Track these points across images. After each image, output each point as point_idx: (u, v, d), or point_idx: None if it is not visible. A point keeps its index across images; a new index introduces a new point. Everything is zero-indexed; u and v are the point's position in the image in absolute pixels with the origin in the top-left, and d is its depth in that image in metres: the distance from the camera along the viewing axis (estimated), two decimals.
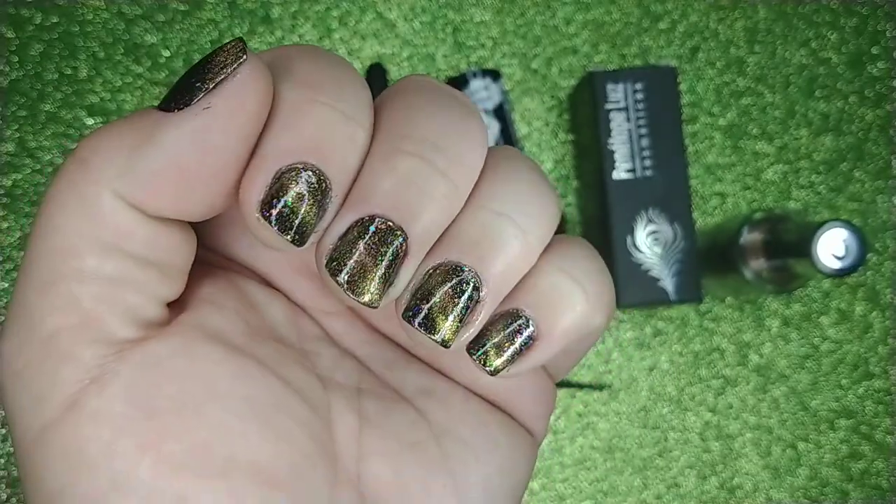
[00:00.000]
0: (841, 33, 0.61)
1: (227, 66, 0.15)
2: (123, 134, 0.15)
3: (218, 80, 0.15)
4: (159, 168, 0.15)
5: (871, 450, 0.58)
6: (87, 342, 0.15)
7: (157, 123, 0.15)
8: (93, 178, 0.15)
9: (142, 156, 0.15)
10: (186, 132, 0.15)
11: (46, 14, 0.58)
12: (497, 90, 0.56)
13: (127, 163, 0.15)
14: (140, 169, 0.15)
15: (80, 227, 0.15)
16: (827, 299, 0.59)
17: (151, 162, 0.15)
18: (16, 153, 0.57)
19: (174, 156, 0.15)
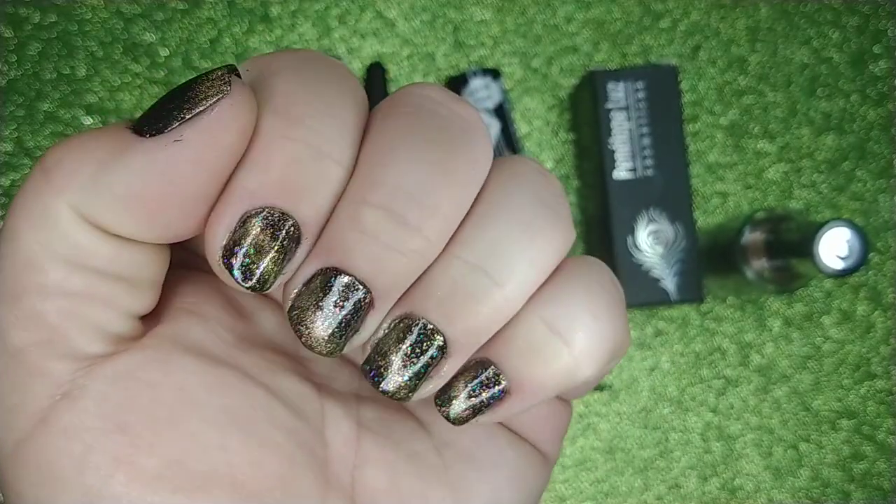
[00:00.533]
0: (843, 32, 0.60)
1: (209, 97, 0.14)
2: (90, 148, 0.14)
3: (195, 111, 0.14)
4: (122, 192, 0.14)
5: (873, 450, 0.58)
6: (55, 357, 0.15)
7: (126, 145, 0.14)
8: (54, 189, 0.14)
9: (106, 176, 0.14)
10: (153, 161, 0.14)
11: (44, 13, 0.58)
12: (497, 89, 0.56)
13: (90, 180, 0.14)
14: (103, 189, 0.14)
15: (42, 239, 0.15)
16: (829, 299, 0.59)
17: (115, 184, 0.14)
18: (14, 153, 0.57)
19: (139, 183, 0.14)
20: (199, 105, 0.14)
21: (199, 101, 0.14)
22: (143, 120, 0.15)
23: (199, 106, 0.14)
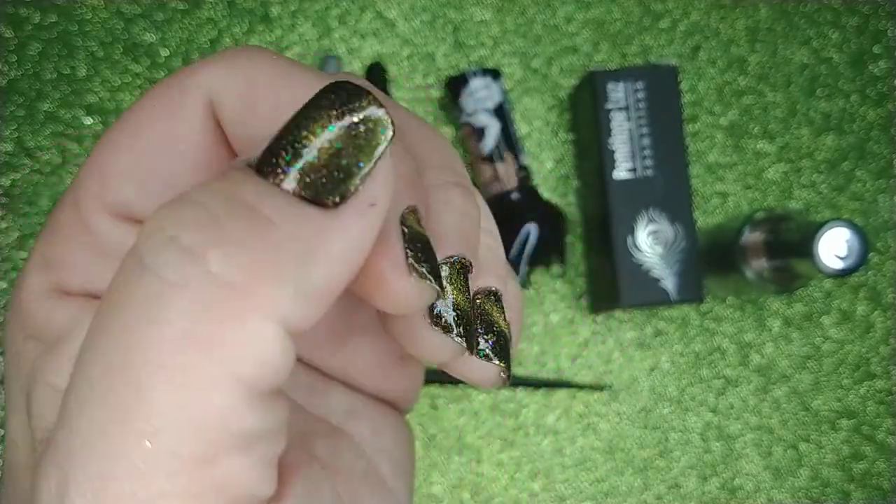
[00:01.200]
0: (842, 32, 0.60)
1: (373, 138, 0.13)
2: (279, 245, 0.12)
3: (375, 159, 0.13)
4: (323, 286, 0.12)
5: (872, 450, 0.58)
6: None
7: (318, 227, 0.12)
8: (257, 308, 0.12)
9: (310, 276, 0.12)
10: (353, 238, 0.13)
11: (45, 13, 0.58)
12: (497, 89, 0.56)
13: (295, 288, 0.12)
14: (308, 290, 0.12)
15: (251, 375, 0.12)
16: (828, 299, 0.59)
17: (319, 279, 0.12)
18: (14, 153, 0.57)
19: (342, 269, 0.12)
20: (372, 151, 0.13)
21: (369, 144, 0.13)
22: (311, 181, 0.12)
23: (372, 153, 0.13)
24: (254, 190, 0.12)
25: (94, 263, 0.16)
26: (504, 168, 0.55)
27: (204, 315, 0.11)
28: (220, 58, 0.15)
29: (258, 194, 0.12)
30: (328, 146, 0.12)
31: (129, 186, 0.15)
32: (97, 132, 0.58)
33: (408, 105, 0.59)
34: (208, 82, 0.15)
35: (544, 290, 0.58)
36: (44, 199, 0.57)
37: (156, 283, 0.12)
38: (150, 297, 0.12)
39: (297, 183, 0.12)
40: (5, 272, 0.57)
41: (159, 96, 0.16)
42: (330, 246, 0.12)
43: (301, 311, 0.12)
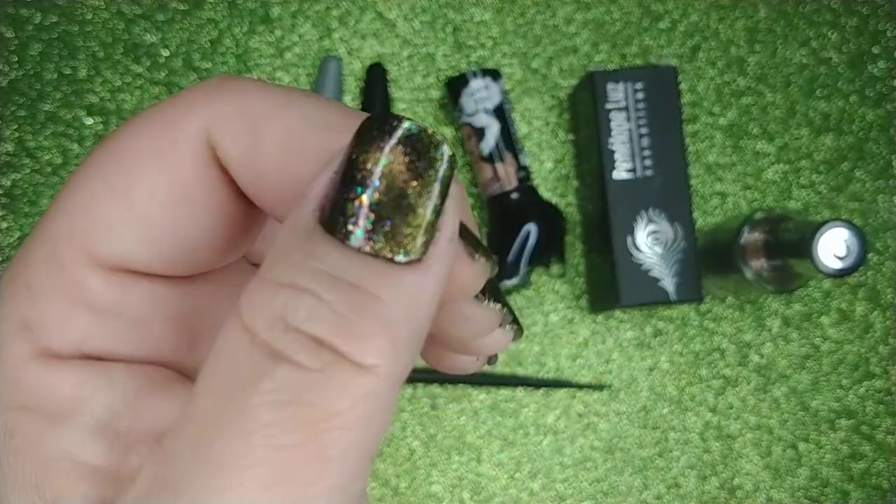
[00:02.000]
0: (841, 33, 0.61)
1: (432, 162, 0.13)
2: (393, 321, 0.13)
3: (440, 193, 0.13)
4: (426, 329, 0.13)
5: (871, 450, 0.58)
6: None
7: (419, 290, 0.13)
8: (388, 384, 0.13)
9: (418, 335, 0.13)
10: (442, 277, 0.13)
11: (46, 14, 0.58)
12: (497, 90, 0.56)
13: (408, 352, 0.13)
14: (415, 348, 0.13)
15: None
16: (827, 299, 0.59)
17: (422, 333, 0.13)
18: (15, 153, 0.57)
19: (433, 309, 0.14)
20: (435, 176, 0.13)
21: (431, 169, 0.13)
22: (384, 226, 0.13)
23: (435, 178, 0.13)
24: (344, 263, 0.12)
25: (84, 323, 0.15)
26: (504, 168, 0.55)
27: (371, 413, 0.12)
28: (209, 91, 0.14)
29: (351, 268, 0.12)
30: (394, 189, 0.12)
31: (125, 238, 0.14)
32: (98, 132, 0.58)
33: (408, 106, 0.59)
34: (204, 120, 0.14)
35: (544, 289, 0.58)
36: (45, 199, 0.57)
37: (296, 371, 0.12)
38: (301, 391, 0.12)
39: (376, 239, 0.12)
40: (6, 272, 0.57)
41: (148, 136, 0.14)
42: (428, 296, 0.13)
43: (413, 356, 0.13)
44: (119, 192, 0.14)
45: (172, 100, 0.15)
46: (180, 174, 0.14)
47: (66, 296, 0.15)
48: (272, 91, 0.14)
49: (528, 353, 0.58)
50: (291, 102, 0.14)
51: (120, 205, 0.14)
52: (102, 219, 0.14)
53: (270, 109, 0.14)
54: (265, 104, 0.14)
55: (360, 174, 0.12)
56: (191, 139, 0.14)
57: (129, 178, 0.14)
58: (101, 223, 0.14)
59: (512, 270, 0.55)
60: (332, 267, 0.12)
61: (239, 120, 0.14)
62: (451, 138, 0.59)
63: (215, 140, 0.14)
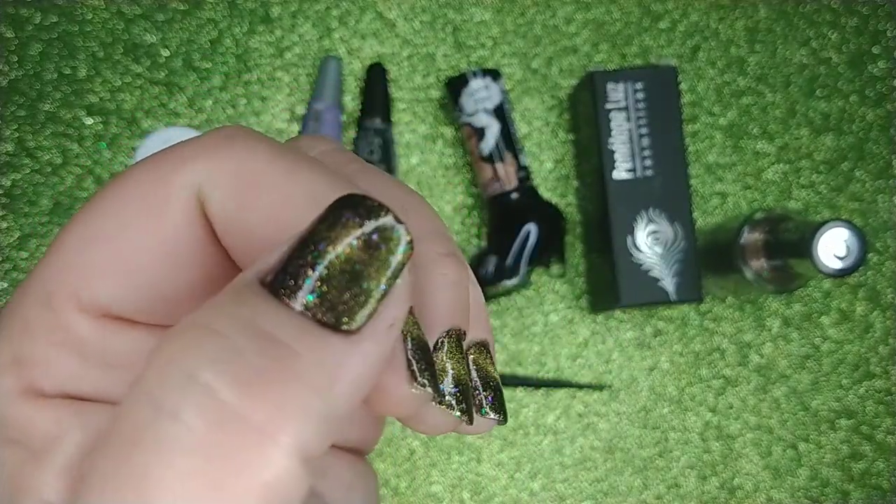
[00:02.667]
0: (842, 33, 0.61)
1: (391, 255, 0.12)
2: (304, 382, 0.12)
3: (394, 280, 0.12)
4: (345, 411, 0.12)
5: (871, 450, 0.58)
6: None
7: (344, 357, 0.12)
8: (287, 449, 0.11)
9: (335, 407, 0.12)
10: (376, 360, 0.12)
11: (46, 14, 0.58)
12: (497, 90, 0.56)
13: (320, 421, 0.12)
14: (333, 421, 0.12)
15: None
16: (827, 299, 0.59)
17: (342, 408, 0.12)
18: (15, 153, 0.57)
19: (362, 391, 0.12)
20: (392, 270, 0.12)
21: (387, 262, 0.12)
22: (327, 299, 0.12)
23: (392, 272, 0.12)
24: (273, 316, 0.12)
25: (70, 364, 0.15)
26: (504, 168, 0.55)
27: (227, 460, 0.11)
28: (208, 147, 0.14)
29: (280, 322, 0.12)
30: (347, 265, 0.12)
31: (111, 286, 0.14)
32: (98, 132, 0.58)
33: (408, 106, 0.59)
34: (196, 177, 0.14)
35: (544, 289, 0.58)
36: (44, 199, 0.57)
37: (174, 427, 0.11)
38: (169, 442, 0.11)
39: (315, 306, 0.12)
40: (6, 272, 0.57)
41: (141, 189, 0.14)
42: (352, 373, 0.12)
43: (322, 438, 0.12)
44: (108, 240, 0.14)
45: (173, 149, 0.15)
46: (168, 227, 0.14)
47: (55, 337, 0.15)
48: (277, 155, 0.14)
49: (528, 353, 0.58)
50: (293, 171, 0.14)
51: (108, 253, 0.14)
52: (90, 265, 0.14)
53: (269, 176, 0.14)
54: (265, 169, 0.14)
55: (318, 247, 0.12)
56: (182, 193, 0.14)
57: (118, 227, 0.14)
58: (89, 269, 0.14)
59: (512, 270, 0.55)
60: (255, 314, 0.12)
61: (233, 180, 0.14)
62: (451, 138, 0.59)
63: (205, 198, 0.14)
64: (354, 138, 0.58)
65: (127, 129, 0.58)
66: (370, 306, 0.12)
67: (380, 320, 0.12)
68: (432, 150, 0.59)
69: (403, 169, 0.59)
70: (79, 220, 0.15)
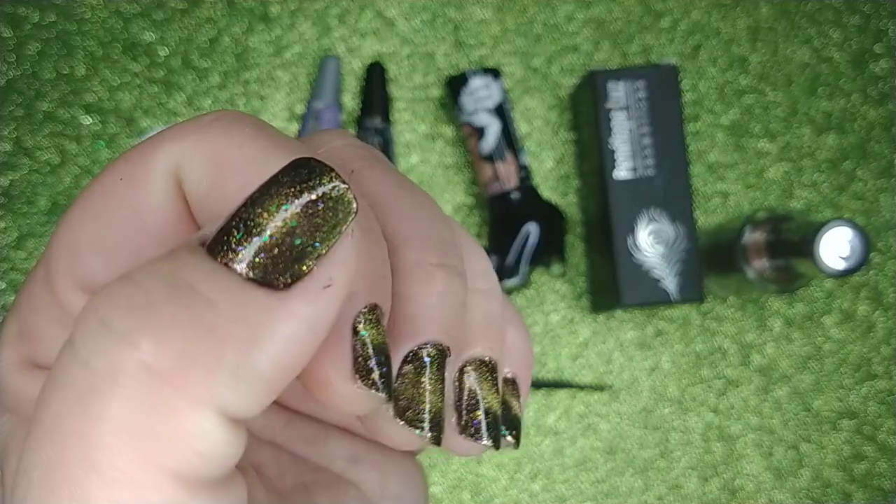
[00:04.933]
0: (844, 31, 0.60)
1: (332, 218, 0.12)
2: (220, 333, 0.11)
3: (331, 240, 0.12)
4: (269, 373, 0.12)
5: (874, 451, 0.58)
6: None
7: (264, 312, 0.12)
8: (192, 400, 0.11)
9: (253, 364, 0.11)
10: (305, 322, 0.12)
11: (43, 13, 0.58)
12: (497, 89, 0.56)
13: (234, 374, 0.11)
14: (251, 378, 0.11)
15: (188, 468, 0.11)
16: (830, 299, 0.59)
17: (263, 368, 0.12)
18: (13, 152, 0.57)
19: (290, 355, 0.12)
20: (333, 231, 0.12)
21: (328, 224, 0.12)
22: (259, 257, 0.12)
23: (333, 233, 0.12)
24: (198, 270, 0.12)
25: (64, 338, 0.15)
26: (504, 167, 0.55)
27: (136, 408, 0.11)
28: (189, 128, 0.14)
29: (202, 274, 0.12)
30: (282, 225, 0.12)
31: (96, 260, 0.15)
32: (96, 132, 0.58)
33: (407, 105, 0.59)
34: (174, 156, 0.14)
35: (544, 289, 0.58)
36: (42, 198, 0.57)
37: (87, 374, 0.11)
38: (83, 390, 0.11)
39: (247, 264, 0.12)
40: (4, 272, 0.57)
41: (124, 167, 0.15)
42: (276, 330, 0.12)
43: (243, 398, 0.11)
44: (94, 217, 0.15)
45: (162, 130, 0.15)
46: (146, 204, 0.14)
47: (52, 313, 0.15)
48: (253, 140, 0.14)
49: None
50: (263, 158, 0.14)
51: (93, 230, 0.15)
52: (78, 242, 0.15)
53: (239, 159, 0.14)
54: (237, 153, 0.14)
55: (256, 208, 0.12)
56: (160, 172, 0.14)
57: (102, 206, 0.15)
58: (78, 247, 0.15)
59: (512, 270, 0.54)
60: (177, 269, 0.12)
61: (206, 162, 0.14)
62: (451, 137, 0.59)
63: (181, 177, 0.14)
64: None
65: (125, 128, 0.58)
66: (304, 265, 0.12)
67: (313, 278, 0.12)
68: (432, 149, 0.59)
69: (403, 168, 0.58)
70: (77, 201, 0.15)
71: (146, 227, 0.15)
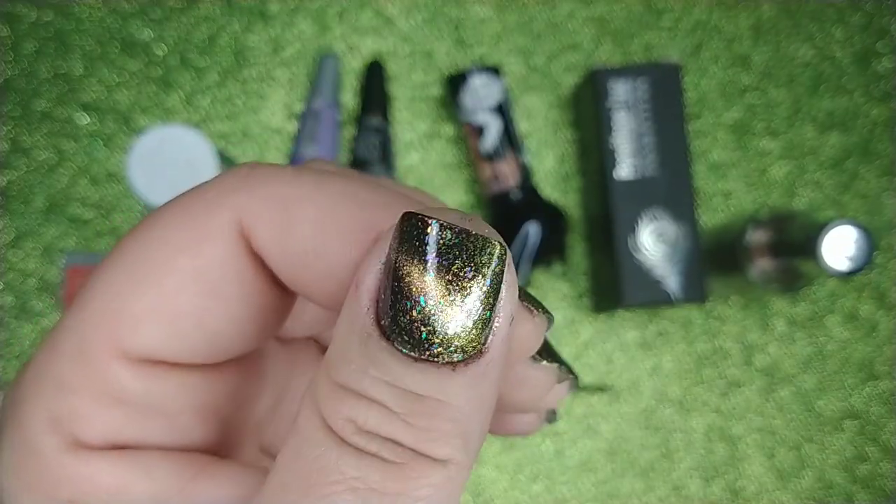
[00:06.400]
0: (846, 30, 0.60)
1: (483, 260, 0.13)
2: (458, 426, 0.13)
3: (491, 290, 0.13)
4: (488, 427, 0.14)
5: (877, 451, 0.58)
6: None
7: (484, 393, 0.13)
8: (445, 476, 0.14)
9: (485, 428, 0.14)
10: (501, 373, 0.14)
11: (41, 11, 0.57)
12: (498, 87, 0.55)
13: (477, 443, 0.14)
14: (484, 436, 0.14)
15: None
16: (832, 299, 0.58)
17: (486, 427, 0.14)
18: (10, 152, 0.57)
19: (495, 400, 0.14)
20: (490, 280, 0.13)
21: (482, 269, 0.13)
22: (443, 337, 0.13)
23: (491, 281, 0.13)
24: (407, 373, 0.13)
25: (113, 414, 0.15)
26: (505, 166, 0.55)
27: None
28: (236, 181, 0.15)
29: (418, 378, 0.13)
30: (441, 295, 0.12)
31: (155, 331, 0.14)
32: (93, 131, 0.57)
33: (407, 104, 0.58)
34: (235, 211, 0.14)
35: (545, 289, 0.58)
36: (40, 198, 0.57)
37: (377, 462, 0.13)
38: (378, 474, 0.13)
39: (433, 350, 0.13)
40: (2, 273, 0.56)
41: (179, 227, 0.14)
42: (490, 387, 0.13)
43: (481, 442, 0.14)
44: (149, 284, 0.14)
45: (202, 189, 0.15)
46: (212, 266, 0.14)
47: (93, 389, 0.15)
48: (302, 175, 0.14)
49: None
50: (321, 184, 0.14)
51: (149, 298, 0.14)
52: (130, 311, 0.14)
53: (301, 192, 0.14)
54: (295, 187, 0.14)
55: (406, 288, 0.12)
56: (224, 230, 0.14)
57: (159, 271, 0.14)
58: (129, 316, 0.14)
59: None
60: (395, 378, 0.13)
61: (271, 206, 0.14)
62: (451, 136, 0.59)
63: (248, 228, 0.14)
64: (354, 136, 0.57)
65: (123, 127, 0.57)
66: (484, 327, 0.13)
67: (499, 336, 0.13)
68: (432, 148, 0.58)
69: (403, 167, 0.58)
70: (111, 264, 0.15)
71: (211, 289, 0.15)
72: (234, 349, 0.16)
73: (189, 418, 0.16)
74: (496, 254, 0.13)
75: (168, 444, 0.15)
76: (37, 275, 0.56)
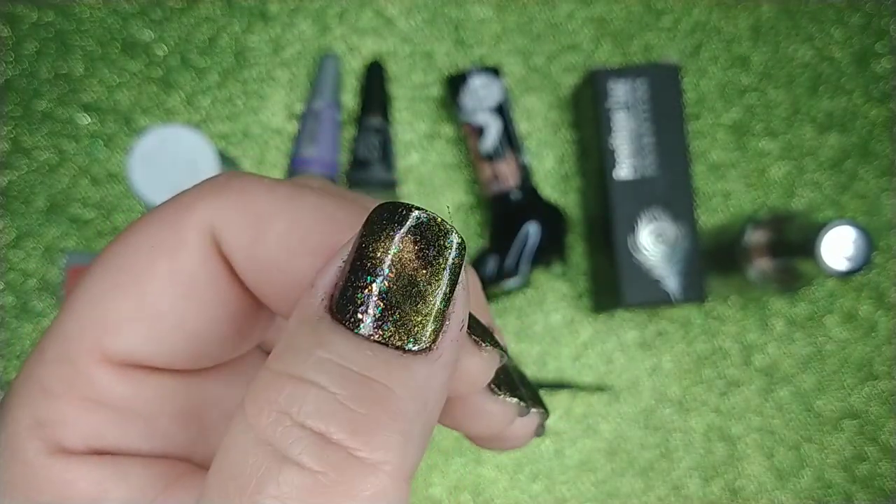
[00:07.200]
0: (845, 30, 0.60)
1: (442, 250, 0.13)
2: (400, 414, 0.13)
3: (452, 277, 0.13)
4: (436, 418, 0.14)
5: (876, 451, 0.58)
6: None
7: (428, 379, 0.13)
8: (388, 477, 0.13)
9: (430, 424, 0.14)
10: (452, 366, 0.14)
11: (42, 12, 0.58)
12: (497, 88, 0.55)
13: (419, 440, 0.13)
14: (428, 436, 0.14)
15: None
16: (831, 299, 0.59)
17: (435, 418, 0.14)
18: (11, 152, 0.57)
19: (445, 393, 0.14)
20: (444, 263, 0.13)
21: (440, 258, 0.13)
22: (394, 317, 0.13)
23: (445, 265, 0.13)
24: (356, 355, 0.12)
25: (96, 418, 0.15)
26: (504, 167, 0.55)
27: (342, 491, 0.12)
28: (212, 189, 0.15)
29: (365, 358, 0.12)
30: (402, 272, 0.13)
31: (136, 334, 0.15)
32: (94, 131, 0.57)
33: (407, 104, 0.59)
34: (207, 216, 0.15)
35: (545, 289, 0.58)
36: (40, 198, 0.57)
37: (293, 472, 0.12)
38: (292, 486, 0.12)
39: (386, 328, 0.13)
40: (3, 273, 0.56)
41: (155, 233, 0.15)
42: (438, 386, 0.13)
43: (421, 452, 0.13)
44: (127, 289, 0.15)
45: (179, 197, 0.15)
46: (187, 270, 0.15)
47: (76, 393, 0.15)
48: (278, 187, 0.15)
49: (529, 353, 0.58)
50: (295, 198, 0.15)
51: (128, 302, 0.15)
52: (111, 316, 0.15)
53: (274, 204, 0.14)
54: (269, 200, 0.15)
55: (370, 262, 0.12)
56: (196, 235, 0.15)
57: (136, 276, 0.15)
58: (111, 319, 0.15)
59: (513, 270, 0.54)
60: (341, 356, 0.12)
61: (243, 215, 0.14)
62: (451, 137, 0.59)
63: (219, 235, 0.15)
64: (354, 136, 0.57)
65: (123, 127, 0.57)
66: (438, 318, 0.13)
67: (452, 329, 0.13)
68: (432, 148, 0.58)
69: (403, 167, 0.58)
70: (93, 272, 0.15)
71: (188, 292, 0.15)
72: (214, 354, 0.16)
73: (170, 424, 0.16)
74: (457, 243, 0.13)
75: (149, 449, 0.16)
76: (37, 275, 0.56)
